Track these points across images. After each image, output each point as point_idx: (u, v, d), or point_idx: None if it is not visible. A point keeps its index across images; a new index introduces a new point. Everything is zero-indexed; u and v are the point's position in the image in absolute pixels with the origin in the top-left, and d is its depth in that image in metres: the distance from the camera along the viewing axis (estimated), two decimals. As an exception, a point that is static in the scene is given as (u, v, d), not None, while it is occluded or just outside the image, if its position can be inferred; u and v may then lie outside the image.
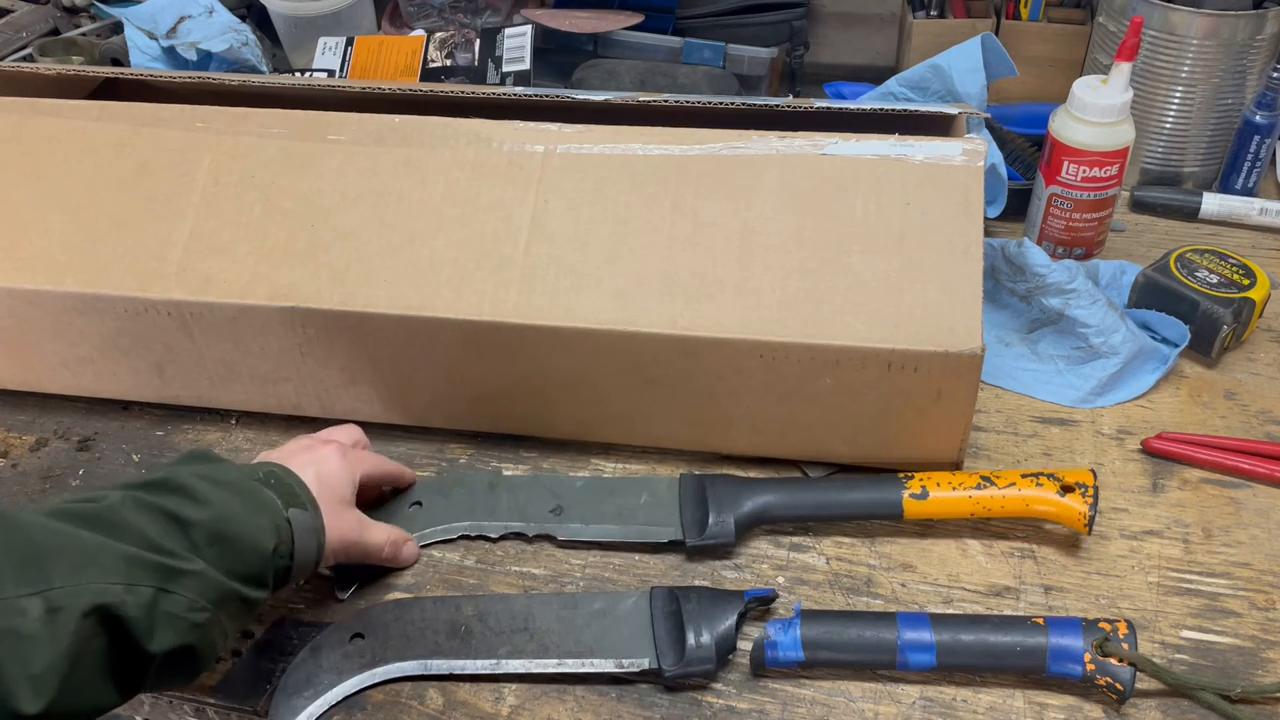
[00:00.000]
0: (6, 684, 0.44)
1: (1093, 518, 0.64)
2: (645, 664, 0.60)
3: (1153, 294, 0.79)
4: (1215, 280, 0.78)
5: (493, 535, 0.69)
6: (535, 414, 0.73)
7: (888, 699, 0.60)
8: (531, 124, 0.72)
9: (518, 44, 1.03)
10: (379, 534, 0.65)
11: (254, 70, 1.01)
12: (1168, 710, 0.58)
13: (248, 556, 0.54)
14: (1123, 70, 0.77)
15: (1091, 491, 0.64)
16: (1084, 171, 0.80)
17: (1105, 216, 0.84)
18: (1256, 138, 0.90)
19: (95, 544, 0.49)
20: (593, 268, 0.67)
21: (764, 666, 0.60)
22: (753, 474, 0.71)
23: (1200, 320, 0.77)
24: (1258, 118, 0.89)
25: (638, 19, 1.05)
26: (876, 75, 0.96)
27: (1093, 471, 0.66)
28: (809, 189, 0.68)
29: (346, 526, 0.62)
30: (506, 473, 0.74)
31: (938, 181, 0.67)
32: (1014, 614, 0.63)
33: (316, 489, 0.60)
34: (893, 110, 0.75)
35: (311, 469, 0.61)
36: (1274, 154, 0.94)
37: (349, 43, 1.05)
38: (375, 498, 0.71)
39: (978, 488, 0.65)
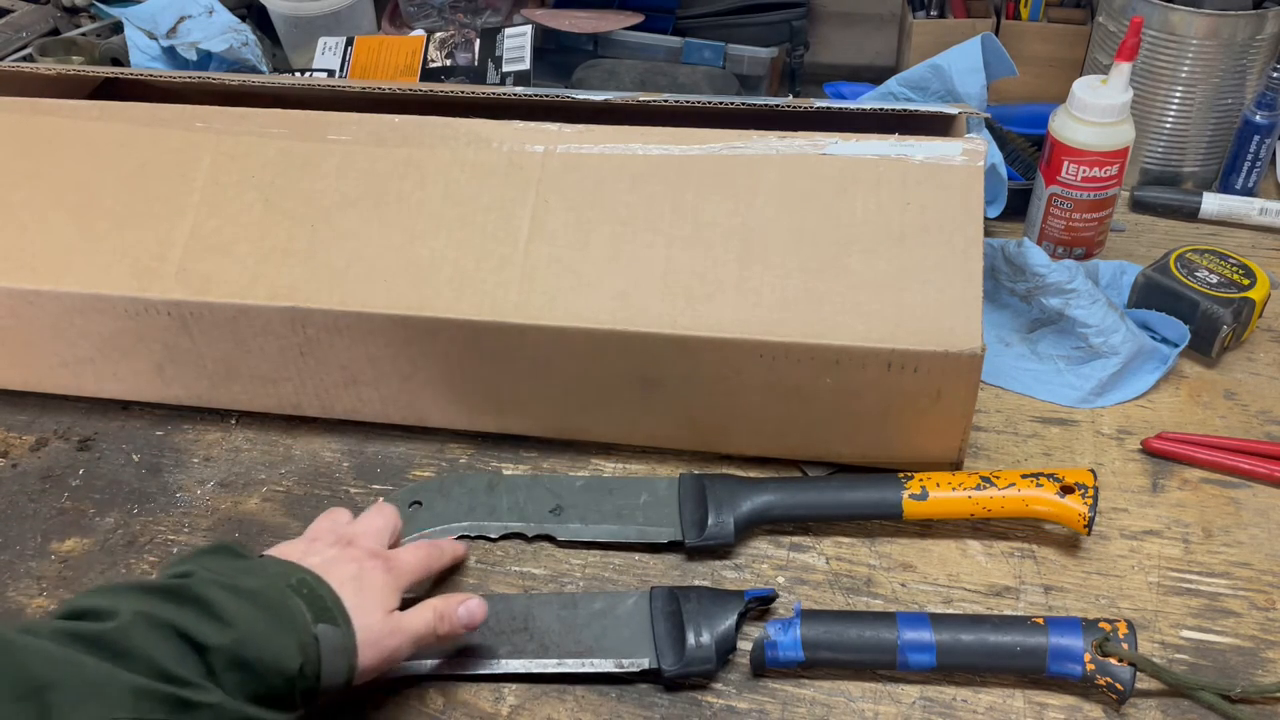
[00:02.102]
0: None
1: (1092, 519, 0.64)
2: (645, 664, 0.60)
3: (1153, 294, 0.79)
4: (1215, 280, 0.78)
5: (493, 535, 0.69)
6: (535, 414, 0.73)
7: (888, 699, 0.60)
8: (531, 124, 0.72)
9: (518, 44, 1.03)
10: (419, 618, 0.57)
11: (254, 70, 1.01)
12: (1168, 710, 0.58)
13: (271, 680, 0.49)
14: (1123, 70, 0.77)
15: (1091, 492, 0.64)
16: (1084, 171, 0.80)
17: (1105, 216, 0.84)
18: (1256, 138, 0.90)
19: (100, 674, 0.44)
20: (593, 268, 0.67)
21: (764, 666, 0.60)
22: (753, 474, 0.71)
23: (1200, 320, 0.77)
24: (1258, 118, 0.89)
25: (638, 19, 1.05)
26: (876, 75, 0.96)
27: (1093, 472, 0.66)
28: (809, 189, 0.68)
29: (385, 639, 0.55)
30: (506, 473, 0.74)
31: (938, 181, 0.67)
32: (1014, 614, 0.63)
33: (354, 603, 0.54)
34: (893, 110, 0.75)
35: (352, 584, 0.55)
36: (1274, 154, 0.94)
37: (349, 43, 1.05)
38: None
39: (977, 488, 0.65)
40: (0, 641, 0.43)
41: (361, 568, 0.57)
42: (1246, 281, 0.77)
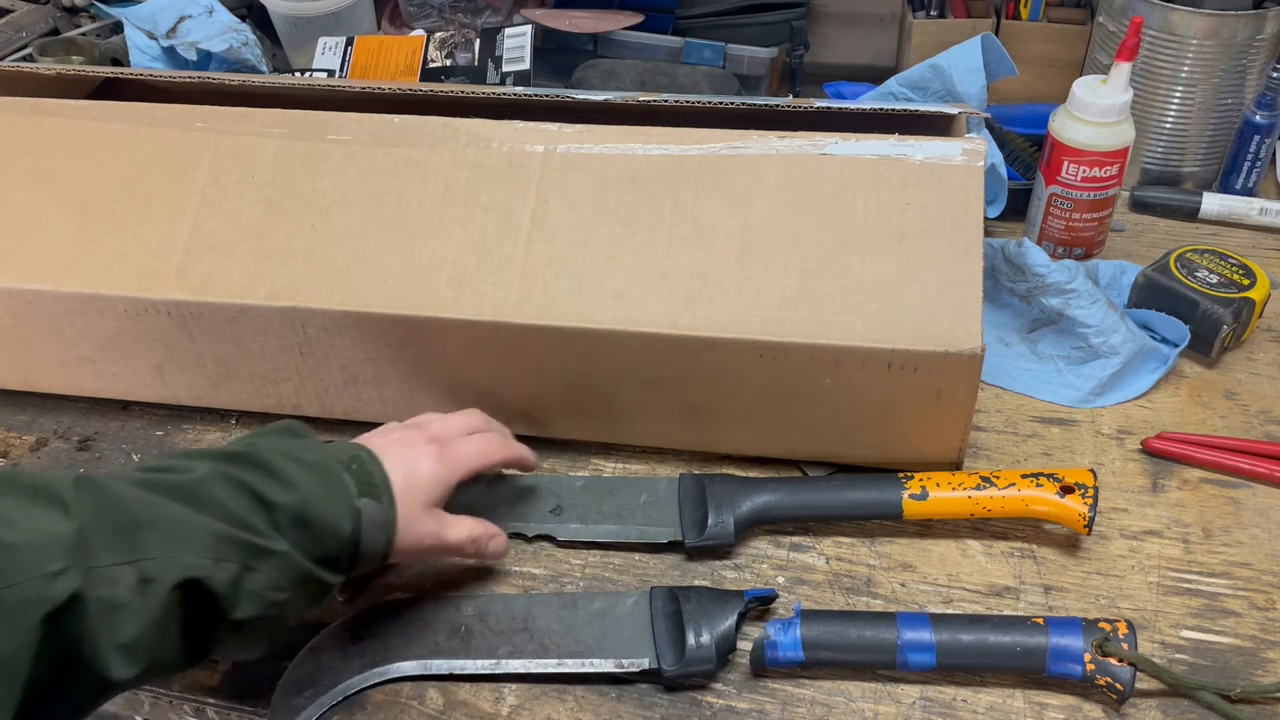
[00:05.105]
0: (98, 652, 0.45)
1: (1092, 518, 0.64)
2: (645, 664, 0.60)
3: (1153, 294, 0.79)
4: (1215, 280, 0.78)
5: (493, 535, 0.70)
6: (534, 414, 0.73)
7: (888, 699, 0.60)
8: (531, 124, 0.72)
9: (518, 44, 1.03)
10: (458, 531, 0.61)
11: (254, 70, 1.01)
12: (1168, 710, 0.59)
13: (327, 541, 0.54)
14: (1123, 70, 0.77)
15: (1091, 492, 0.64)
16: (1084, 171, 0.80)
17: (1105, 216, 0.84)
18: (1256, 138, 0.90)
19: (186, 518, 0.49)
20: (593, 268, 0.67)
21: (764, 666, 0.60)
22: (753, 474, 0.71)
23: (1200, 320, 0.77)
24: (1258, 118, 0.89)
25: (638, 19, 1.05)
26: (876, 75, 0.96)
27: (1092, 471, 0.66)
28: (809, 189, 0.68)
29: (424, 530, 0.59)
30: (506, 472, 0.74)
31: (938, 181, 0.67)
32: (1014, 614, 0.63)
33: (401, 488, 0.58)
34: (893, 110, 0.75)
35: (402, 467, 0.59)
36: (1274, 154, 0.94)
37: (349, 43, 1.05)
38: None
39: (977, 488, 0.65)
40: (97, 484, 0.48)
41: (415, 453, 0.60)
42: (1246, 281, 0.77)
